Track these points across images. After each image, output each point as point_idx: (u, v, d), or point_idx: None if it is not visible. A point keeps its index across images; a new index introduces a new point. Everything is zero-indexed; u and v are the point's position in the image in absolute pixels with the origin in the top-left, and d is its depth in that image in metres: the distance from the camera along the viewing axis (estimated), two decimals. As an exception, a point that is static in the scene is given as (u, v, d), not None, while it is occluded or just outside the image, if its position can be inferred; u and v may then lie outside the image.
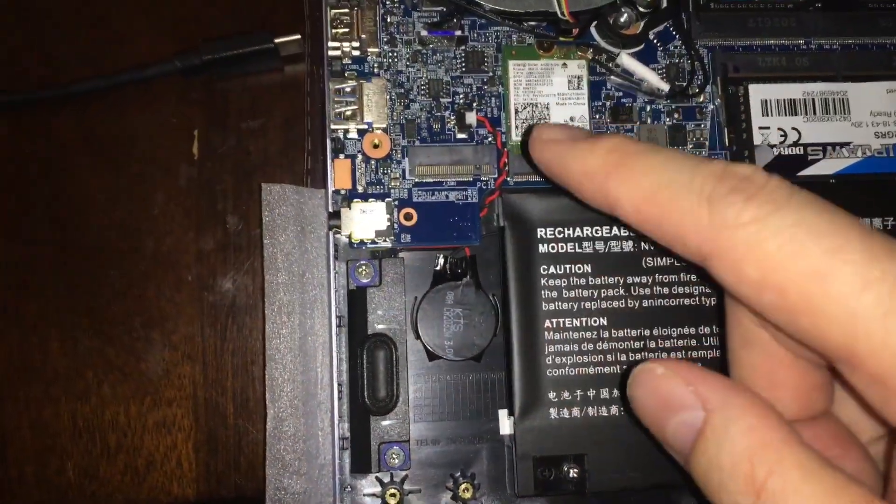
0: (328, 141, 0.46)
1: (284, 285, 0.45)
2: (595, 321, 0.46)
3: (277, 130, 0.51)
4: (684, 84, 0.49)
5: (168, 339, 0.48)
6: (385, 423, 0.44)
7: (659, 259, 0.46)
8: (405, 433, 0.44)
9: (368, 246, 0.46)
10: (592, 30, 0.49)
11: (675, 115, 0.49)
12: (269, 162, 0.50)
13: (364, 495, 0.45)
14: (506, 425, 0.45)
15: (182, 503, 0.47)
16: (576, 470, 0.44)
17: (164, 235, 0.49)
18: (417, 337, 0.46)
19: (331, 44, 0.47)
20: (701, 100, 0.49)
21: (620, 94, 0.49)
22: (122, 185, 0.49)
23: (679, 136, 0.48)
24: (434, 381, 0.46)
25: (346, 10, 0.47)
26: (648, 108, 0.49)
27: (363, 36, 0.47)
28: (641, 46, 0.49)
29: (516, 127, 0.47)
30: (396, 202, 0.46)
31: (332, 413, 0.44)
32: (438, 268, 0.47)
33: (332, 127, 0.46)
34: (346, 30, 0.46)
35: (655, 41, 0.49)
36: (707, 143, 0.49)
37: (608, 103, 0.48)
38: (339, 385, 0.45)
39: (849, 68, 0.49)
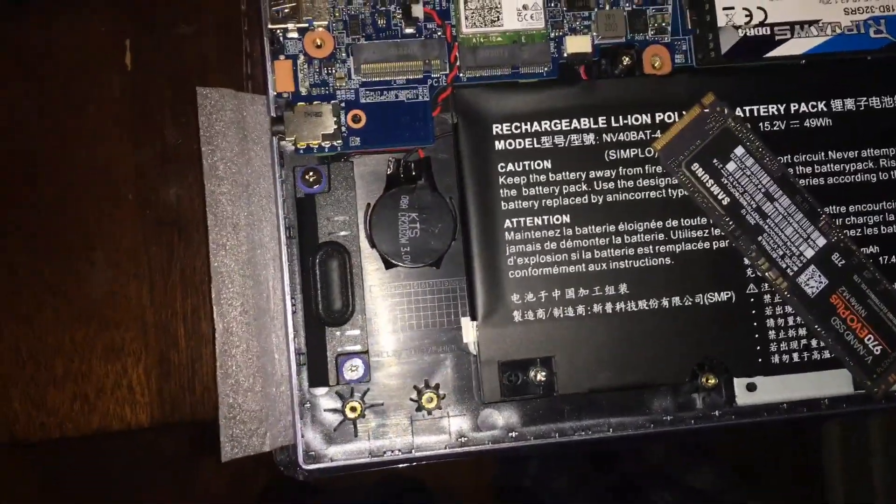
0: (266, 42, 0.43)
1: (228, 196, 0.43)
2: (557, 219, 0.44)
3: (214, 35, 0.48)
4: (643, -34, 0.46)
5: (110, 258, 0.46)
6: (341, 334, 0.42)
7: (623, 151, 0.44)
8: (363, 344, 0.43)
9: (315, 151, 0.43)
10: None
11: (635, 0, 0.46)
12: (207, 68, 0.47)
13: (324, 411, 0.43)
14: (469, 332, 0.44)
15: (135, 430, 0.45)
16: (543, 373, 0.43)
17: (97, 147, 0.46)
18: (372, 244, 0.43)
19: (263, -64, 0.43)
20: (662, -18, 0.46)
21: (576, -21, 0.46)
22: (51, 97, 0.46)
23: (639, 21, 0.46)
24: (392, 290, 0.44)
25: None
26: (606, -6, 0.46)
27: (297, -74, 0.44)
28: (597, -73, 0.46)
29: (466, 18, 0.44)
30: (343, 104, 0.44)
31: (286, 327, 0.42)
32: (391, 171, 0.44)
33: (270, 27, 0.43)
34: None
35: (612, -79, 0.46)
36: (669, 28, 0.46)
37: (564, -11, 0.46)
38: (293, 298, 0.43)
39: (816, -58, 0.46)
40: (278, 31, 0.44)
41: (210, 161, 0.42)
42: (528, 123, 0.44)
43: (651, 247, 0.44)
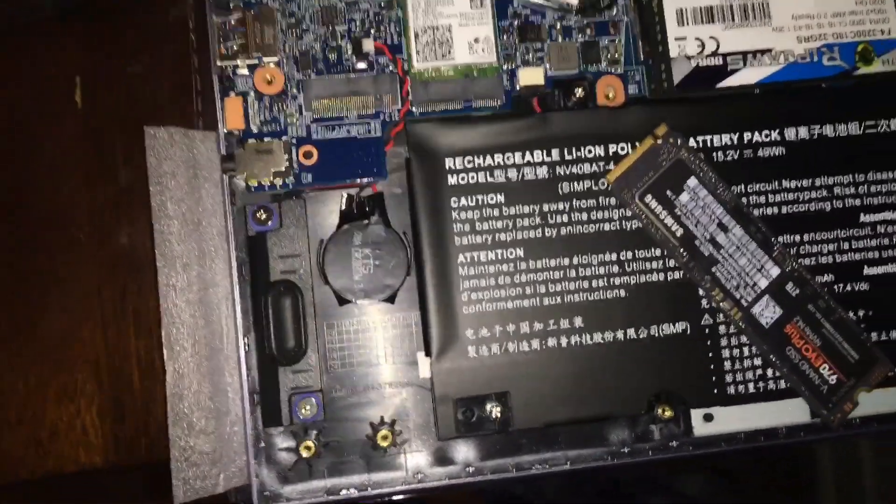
0: (215, 79, 0.43)
1: (177, 235, 0.42)
2: (511, 253, 0.43)
3: (166, 71, 0.47)
4: (595, -3, 0.46)
5: (63, 301, 0.45)
6: (294, 373, 0.42)
7: (576, 184, 0.44)
8: (317, 382, 0.42)
9: (267, 189, 0.43)
10: (495, -57, 0.45)
11: (588, 31, 0.46)
12: (158, 107, 0.47)
13: (279, 450, 0.42)
14: (425, 368, 0.43)
15: (90, 472, 0.44)
16: (499, 408, 0.42)
17: (51, 189, 0.46)
18: (326, 281, 0.43)
19: (211, -26, 0.43)
20: (614, 13, 0.46)
21: (528, 11, 0.46)
22: (3, 137, 0.46)
23: (592, 52, 0.46)
24: (346, 326, 0.44)
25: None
26: (559, 26, 0.46)
27: (246, -37, 0.43)
28: (548, -41, 0.46)
29: (417, 52, 0.44)
30: (295, 140, 0.44)
31: (239, 367, 0.42)
32: (344, 207, 0.44)
33: (219, 63, 0.43)
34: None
35: (563, -48, 0.46)
36: (622, 58, 0.46)
37: (515, 22, 0.45)
38: (245, 337, 0.42)
39: (768, -30, 0.47)
40: (228, 67, 0.43)
41: (158, 201, 0.42)
42: (481, 157, 0.44)
43: (606, 279, 0.44)
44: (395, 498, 0.44)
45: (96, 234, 0.46)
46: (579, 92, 0.45)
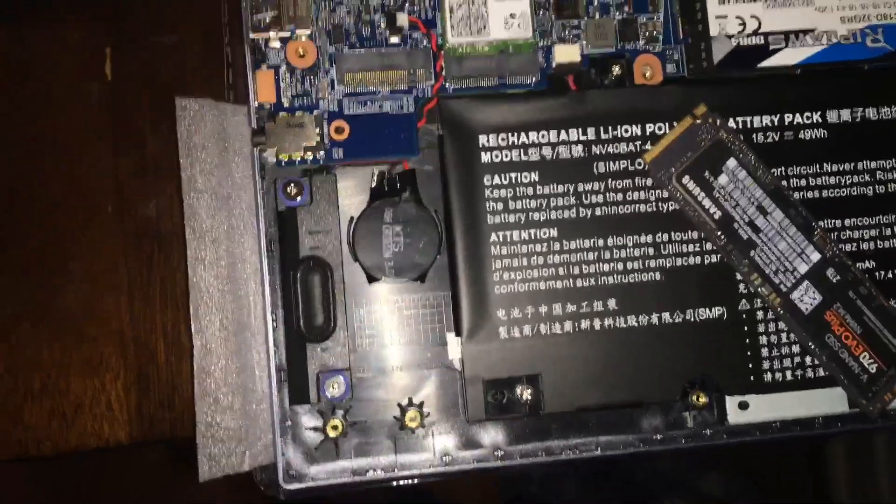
0: (247, 51, 0.42)
1: (207, 209, 0.42)
2: (544, 233, 0.42)
3: (196, 44, 0.47)
4: (634, -27, 0.45)
5: (88, 272, 0.45)
6: (323, 350, 0.41)
7: (612, 163, 0.43)
8: (345, 361, 0.42)
9: (298, 164, 0.42)
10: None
11: (626, 8, 0.45)
12: (188, 78, 0.46)
13: (306, 429, 0.42)
14: (454, 348, 0.42)
15: (114, 447, 0.44)
16: (529, 391, 0.42)
17: (75, 159, 0.45)
18: (356, 258, 0.42)
19: (243, -55, 0.42)
20: (653, -10, 0.45)
21: (565, -13, 0.45)
22: (29, 108, 0.45)
23: (630, 30, 0.45)
24: (375, 305, 0.43)
25: None
26: (596, 2, 0.45)
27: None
28: (587, -66, 0.45)
29: (452, 27, 0.43)
30: (326, 115, 0.43)
31: (266, 343, 0.41)
32: (375, 184, 0.43)
33: (252, 36, 0.42)
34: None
35: (602, -73, 0.45)
36: (661, 36, 0.45)
37: (552, -2, 0.45)
38: (273, 313, 0.42)
39: (812, -51, 0.45)
40: (260, 40, 0.43)
41: (188, 173, 0.41)
42: (515, 135, 0.43)
43: (641, 261, 0.43)
44: (415, 482, 0.43)
45: (122, 204, 0.45)
46: (616, 70, 0.44)
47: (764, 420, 0.43)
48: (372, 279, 0.43)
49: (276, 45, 0.43)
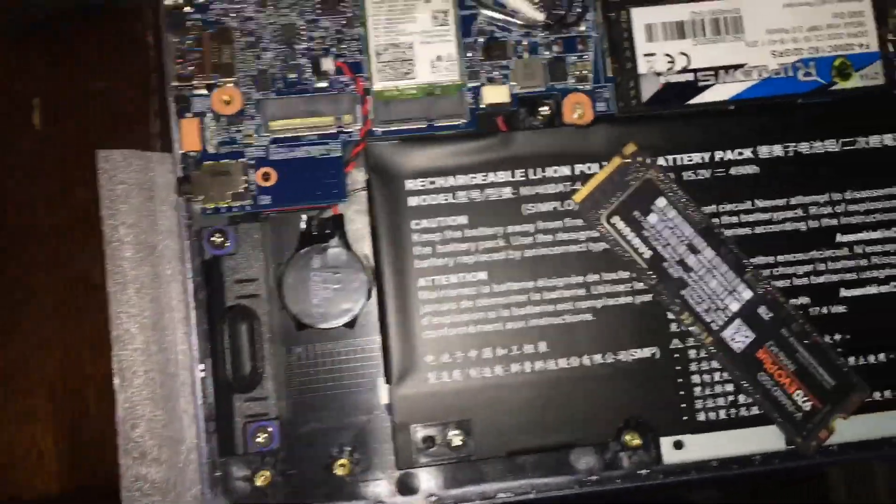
0: (171, 100, 0.42)
1: (131, 259, 0.42)
2: (474, 276, 0.42)
3: (126, 92, 0.47)
4: (562, 13, 0.45)
5: (20, 323, 0.44)
6: (251, 400, 0.41)
7: (541, 205, 0.43)
8: (274, 410, 0.41)
9: (224, 212, 0.42)
10: (460, -42, 0.44)
11: (555, 48, 0.45)
12: (118, 126, 0.46)
13: (235, 480, 0.41)
14: (385, 394, 0.42)
15: (46, 500, 0.44)
16: (461, 436, 0.41)
17: (7, 210, 0.45)
18: (284, 306, 0.42)
19: (166, -8, 0.42)
20: (582, 28, 0.45)
21: (493, 27, 0.45)
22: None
23: (559, 70, 0.45)
24: (305, 352, 0.43)
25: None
26: (525, 42, 0.45)
27: (203, -19, 0.43)
28: (514, -27, 0.45)
29: (378, 72, 0.43)
30: (253, 161, 0.43)
31: (194, 393, 0.41)
32: (303, 229, 0.43)
33: (175, 84, 0.42)
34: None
35: (530, -33, 0.45)
36: (591, 76, 0.45)
37: (480, 38, 0.44)
38: (201, 363, 0.41)
39: (741, -17, 0.45)
40: (184, 88, 0.43)
41: (110, 225, 0.41)
42: (443, 178, 0.43)
43: (571, 303, 0.42)
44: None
45: (53, 256, 0.45)
46: (545, 110, 0.44)
47: (700, 459, 0.43)
48: (301, 326, 0.42)
49: (202, 92, 0.43)
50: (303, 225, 0.43)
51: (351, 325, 0.43)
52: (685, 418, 0.42)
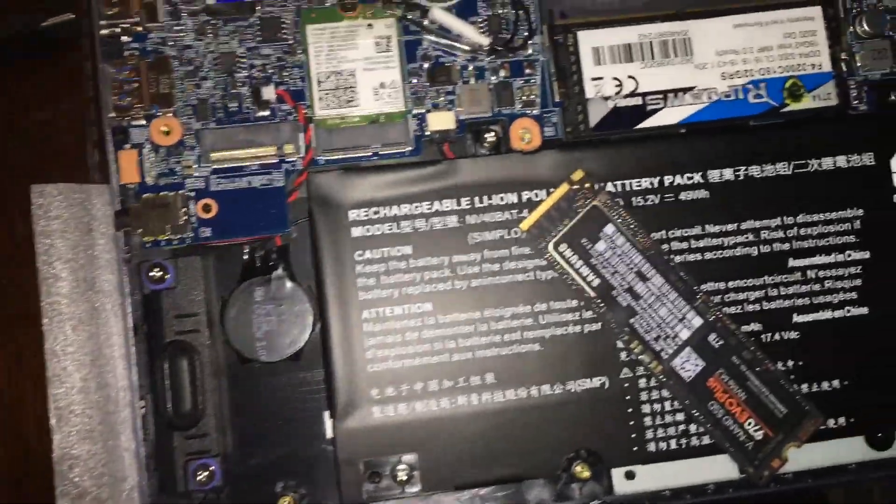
0: (108, 131, 0.41)
1: (68, 295, 0.41)
2: (419, 307, 0.42)
3: (66, 123, 0.46)
4: (508, 36, 0.44)
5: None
6: (192, 437, 0.40)
7: (487, 233, 0.42)
8: (215, 447, 0.41)
9: (164, 245, 0.41)
10: (403, -17, 0.44)
11: (502, 72, 0.44)
12: (59, 158, 0.45)
13: (176, 518, 0.41)
14: (330, 429, 0.41)
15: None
16: (406, 471, 0.41)
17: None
18: (226, 340, 0.41)
19: (102, 22, 0.42)
20: (528, 52, 0.44)
21: (438, 52, 0.44)
22: None
23: (506, 94, 0.44)
24: (248, 387, 0.42)
25: (119, -18, 0.42)
26: (471, 67, 0.44)
27: (140, 11, 0.42)
28: (458, -2, 0.44)
29: (320, 99, 0.42)
30: (193, 193, 0.42)
31: (134, 431, 0.40)
32: (246, 261, 0.42)
33: (112, 115, 0.42)
34: (116, 9, 0.41)
35: (474, -10, 0.44)
36: (538, 100, 0.44)
37: (425, 64, 0.44)
38: (141, 399, 0.41)
39: (690, 3, 0.45)
40: (122, 119, 0.42)
41: (44, 260, 0.40)
42: (387, 207, 0.42)
43: (519, 332, 0.42)
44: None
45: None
46: (492, 136, 0.43)
47: (653, 489, 0.42)
48: (244, 360, 0.42)
49: (141, 122, 0.42)
50: (245, 257, 0.42)
51: (296, 358, 0.42)
52: (636, 448, 0.42)
